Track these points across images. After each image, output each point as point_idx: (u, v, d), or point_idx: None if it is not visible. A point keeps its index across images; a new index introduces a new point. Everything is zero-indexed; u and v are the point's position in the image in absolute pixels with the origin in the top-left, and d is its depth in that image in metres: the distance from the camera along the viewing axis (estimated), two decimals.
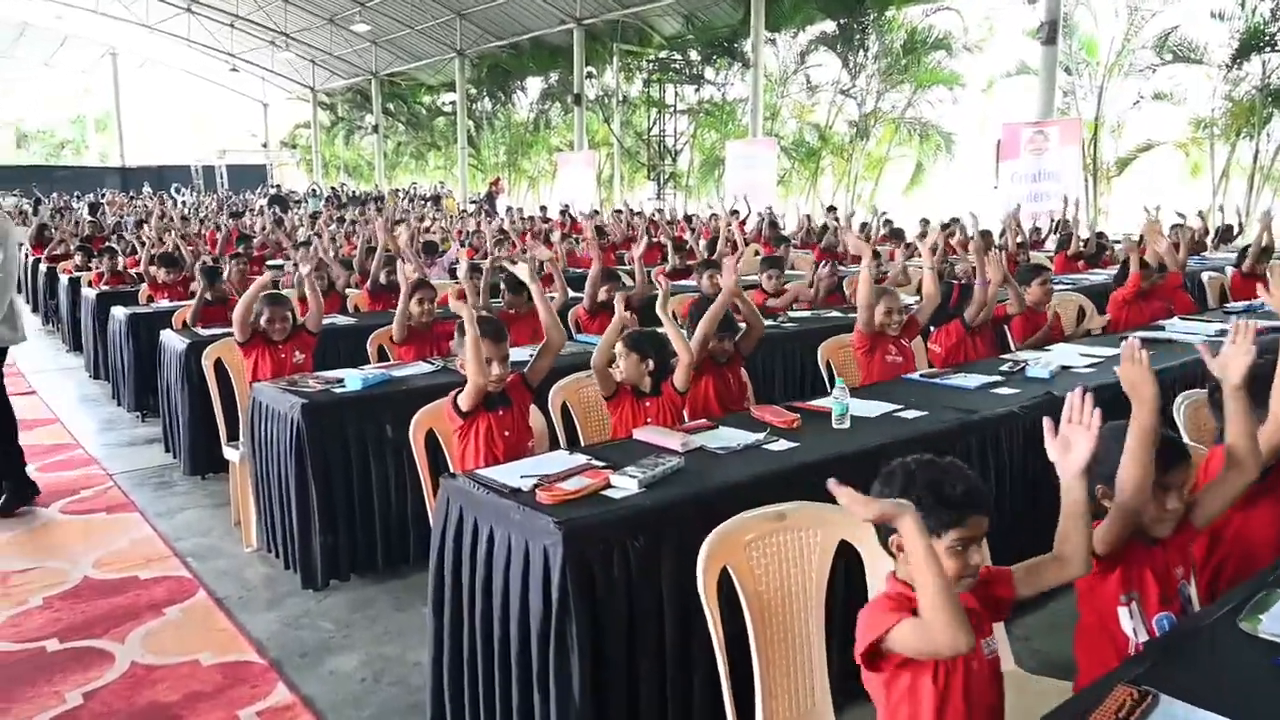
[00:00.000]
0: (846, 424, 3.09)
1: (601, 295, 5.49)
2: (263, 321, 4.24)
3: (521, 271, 3.43)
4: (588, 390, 3.52)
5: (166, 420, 5.35)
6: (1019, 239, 8.46)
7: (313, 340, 4.39)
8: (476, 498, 2.52)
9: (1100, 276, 7.64)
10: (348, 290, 6.79)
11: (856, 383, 4.28)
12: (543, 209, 19.23)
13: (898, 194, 20.20)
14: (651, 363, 3.29)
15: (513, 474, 2.62)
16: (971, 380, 3.75)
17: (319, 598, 3.67)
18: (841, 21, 19.74)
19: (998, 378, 3.78)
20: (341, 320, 5.80)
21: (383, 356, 4.84)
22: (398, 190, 28.73)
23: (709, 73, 23.37)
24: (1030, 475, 3.33)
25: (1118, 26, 16.57)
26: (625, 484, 2.49)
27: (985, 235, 4.76)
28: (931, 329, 4.57)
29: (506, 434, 3.01)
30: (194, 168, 35.87)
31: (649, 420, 3.25)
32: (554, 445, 3.32)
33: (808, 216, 13.44)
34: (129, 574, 3.90)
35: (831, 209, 15.16)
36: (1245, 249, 7.08)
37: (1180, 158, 16.63)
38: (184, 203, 25.08)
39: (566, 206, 18.38)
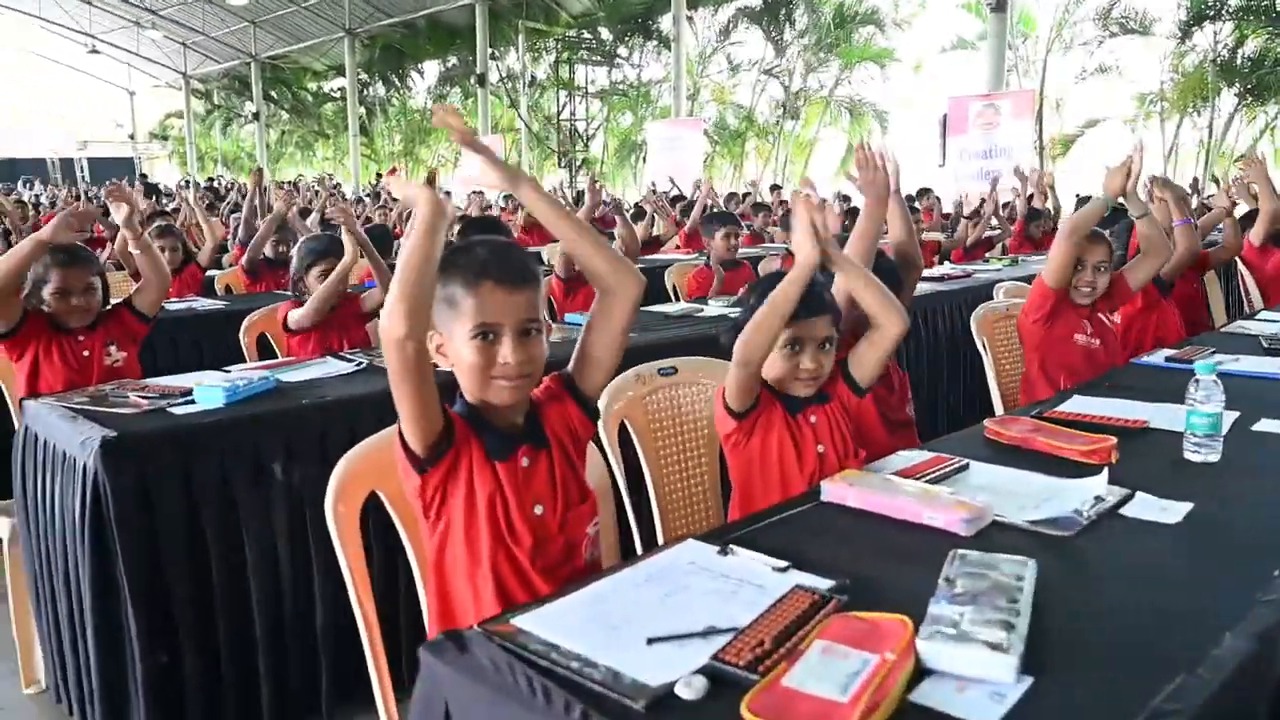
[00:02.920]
0: (1216, 452, 1.56)
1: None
2: (47, 294, 2.42)
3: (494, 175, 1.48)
4: (661, 400, 1.88)
5: None
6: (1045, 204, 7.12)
7: (143, 328, 2.59)
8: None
9: None
10: (213, 272, 4.93)
11: (1019, 370, 2.78)
12: (447, 194, 17.31)
13: (829, 176, 19.10)
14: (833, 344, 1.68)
15: (610, 633, 0.99)
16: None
17: None
18: None
19: None
20: (204, 304, 3.99)
21: (267, 353, 3.09)
22: (283, 184, 26.25)
23: (622, 52, 21.90)
24: None
25: None
26: (980, 669, 0.88)
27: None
28: None
29: (539, 511, 1.35)
30: (50, 160, 32.35)
31: (821, 448, 1.64)
32: (619, 512, 1.68)
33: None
34: None
35: (776, 187, 13.83)
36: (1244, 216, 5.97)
37: (1126, 134, 15.93)
38: (36, 195, 22.12)
39: (480, 192, 16.52)
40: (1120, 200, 2.56)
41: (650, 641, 0.96)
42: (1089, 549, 1.21)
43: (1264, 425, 1.76)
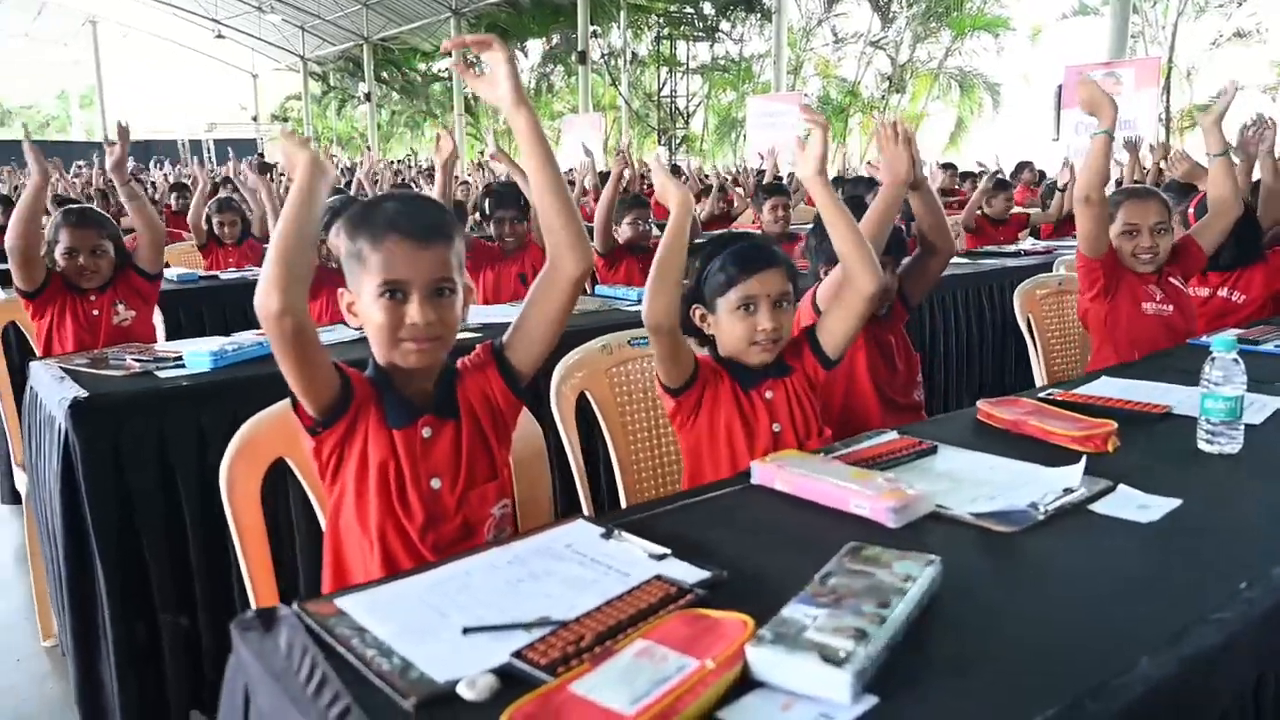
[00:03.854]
0: (1236, 442, 1.34)
1: (625, 232, 3.70)
2: (58, 254, 2.47)
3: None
4: (631, 371, 1.77)
5: None
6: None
7: (151, 287, 2.61)
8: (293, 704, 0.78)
9: None
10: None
11: (1072, 352, 2.54)
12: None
13: (936, 153, 18.35)
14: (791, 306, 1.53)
15: (436, 620, 0.88)
16: None
17: None
18: None
19: None
20: (255, 273, 4.04)
21: None
22: (394, 162, 26.96)
23: (724, 26, 21.55)
24: None
25: None
26: (811, 684, 0.74)
27: None
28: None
29: (435, 484, 1.26)
30: (181, 142, 34.15)
31: (777, 427, 1.50)
32: (562, 494, 1.58)
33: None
34: None
35: (869, 163, 13.37)
36: None
37: (1265, 104, 14.73)
38: (165, 175, 23.42)
39: (570, 170, 16.59)
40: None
41: (466, 631, 0.86)
42: (1031, 548, 1.04)
43: None
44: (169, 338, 2.87)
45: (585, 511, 1.61)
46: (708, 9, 21.59)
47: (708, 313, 1.52)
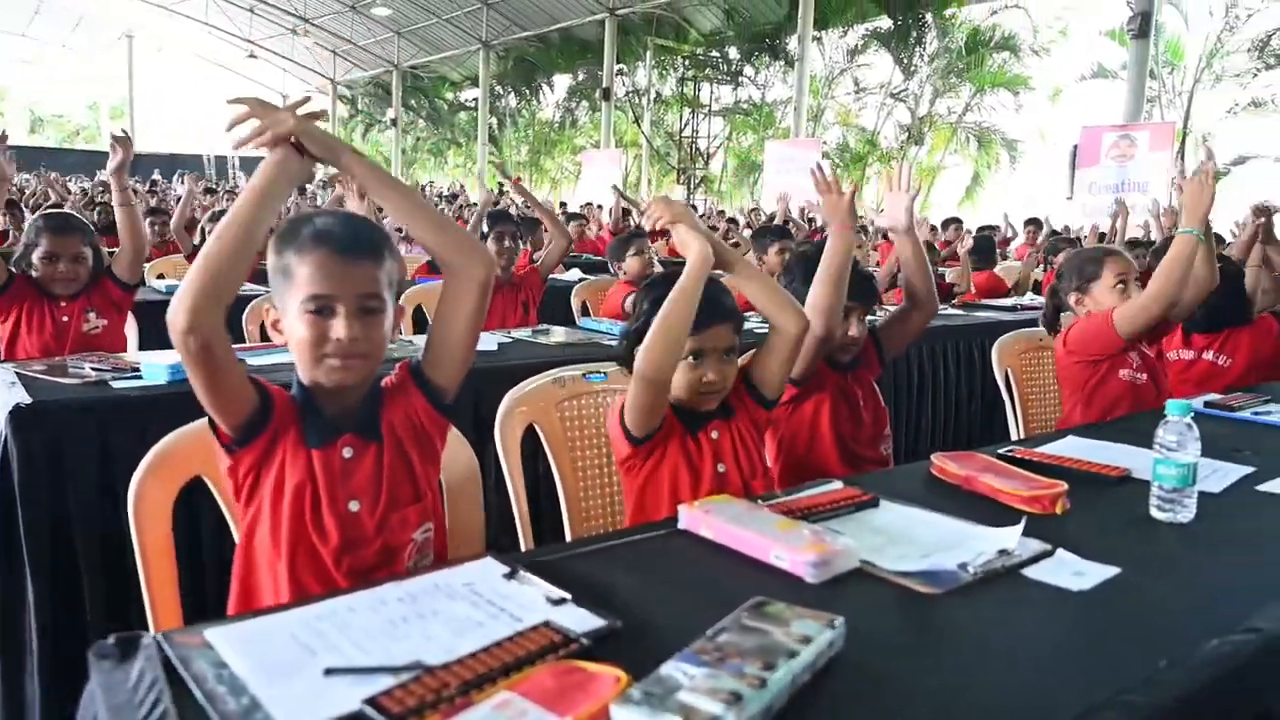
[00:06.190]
0: (1188, 510, 1.28)
1: (632, 266, 3.66)
2: (36, 259, 2.45)
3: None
4: (584, 406, 1.72)
5: None
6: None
7: (126, 296, 2.59)
8: None
9: None
10: None
11: (1055, 409, 2.48)
12: (562, 205, 17.53)
13: (950, 206, 18.38)
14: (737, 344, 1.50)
15: (302, 659, 0.84)
16: None
17: None
18: (898, 20, 18.02)
19: None
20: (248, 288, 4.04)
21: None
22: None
23: (749, 71, 21.78)
24: None
25: (1210, 26, 14.78)
26: None
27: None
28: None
29: (354, 507, 1.21)
30: (206, 157, 34.61)
31: (722, 467, 1.45)
32: (495, 529, 1.53)
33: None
34: None
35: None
36: None
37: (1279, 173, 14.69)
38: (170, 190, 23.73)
39: (589, 204, 16.67)
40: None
41: (329, 672, 0.81)
42: (951, 611, 0.98)
43: (1275, 485, 1.45)
44: (150, 349, 2.85)
45: (524, 545, 1.56)
46: (733, 54, 21.85)
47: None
